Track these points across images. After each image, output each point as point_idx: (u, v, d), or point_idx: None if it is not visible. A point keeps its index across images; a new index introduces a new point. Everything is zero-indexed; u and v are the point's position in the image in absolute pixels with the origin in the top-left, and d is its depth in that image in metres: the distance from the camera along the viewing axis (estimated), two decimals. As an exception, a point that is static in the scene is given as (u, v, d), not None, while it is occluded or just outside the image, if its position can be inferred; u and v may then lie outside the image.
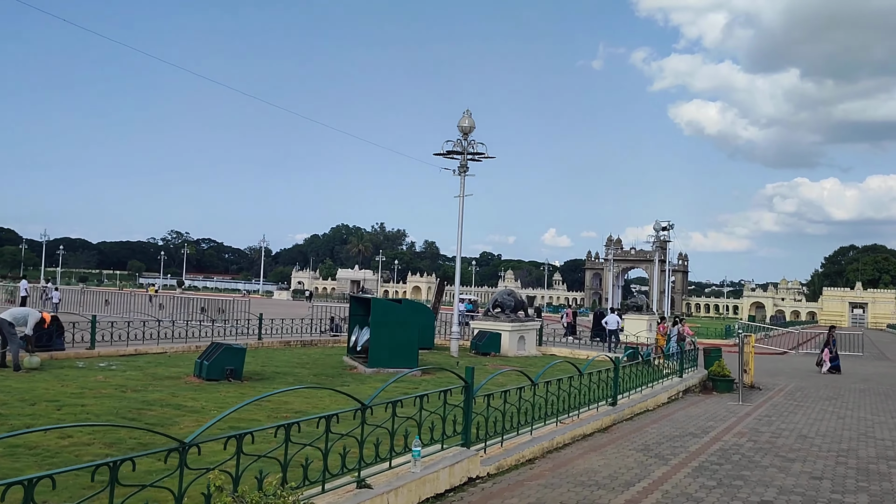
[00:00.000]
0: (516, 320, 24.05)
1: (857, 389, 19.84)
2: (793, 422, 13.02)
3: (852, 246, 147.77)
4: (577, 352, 25.28)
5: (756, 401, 16.03)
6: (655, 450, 9.71)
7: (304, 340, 24.34)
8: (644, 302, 40.55)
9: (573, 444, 9.82)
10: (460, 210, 22.13)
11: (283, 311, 38.65)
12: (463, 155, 21.78)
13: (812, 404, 15.99)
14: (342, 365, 18.11)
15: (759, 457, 9.54)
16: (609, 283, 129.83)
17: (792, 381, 21.40)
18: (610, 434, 10.82)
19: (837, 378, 23.01)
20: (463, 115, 21.86)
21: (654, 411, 13.56)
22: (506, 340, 23.30)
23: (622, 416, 12.23)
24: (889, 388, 20.40)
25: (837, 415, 14.35)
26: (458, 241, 22.51)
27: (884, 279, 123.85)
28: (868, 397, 17.99)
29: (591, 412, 11.40)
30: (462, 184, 21.97)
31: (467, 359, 21.53)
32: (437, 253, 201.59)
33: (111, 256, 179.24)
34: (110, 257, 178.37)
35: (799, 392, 18.42)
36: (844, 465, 9.28)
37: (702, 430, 11.57)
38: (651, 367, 16.60)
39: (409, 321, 16.60)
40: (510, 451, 8.46)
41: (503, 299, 24.39)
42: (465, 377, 7.82)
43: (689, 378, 17.51)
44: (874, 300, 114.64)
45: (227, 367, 13.70)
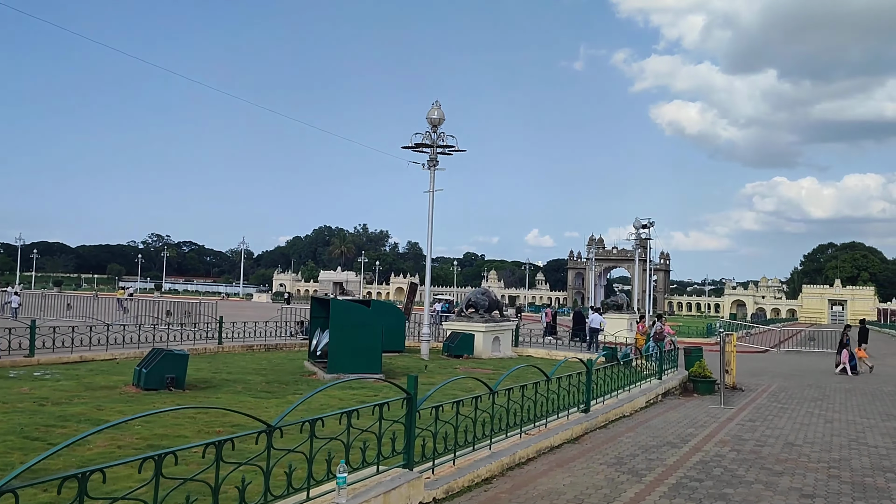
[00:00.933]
0: (490, 321, 23.06)
1: (842, 389, 19.06)
2: (778, 427, 12.13)
3: (831, 244, 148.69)
4: (553, 353, 24.36)
5: (738, 403, 15.15)
6: (629, 463, 8.74)
7: (268, 344, 23.20)
8: (624, 301, 39.75)
9: (538, 459, 8.82)
10: (430, 205, 21.12)
11: (257, 313, 37.44)
12: (432, 148, 20.77)
13: (797, 406, 15.14)
14: (302, 371, 17.03)
15: (744, 470, 8.61)
16: (591, 282, 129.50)
17: (775, 380, 20.59)
18: (581, 445, 9.85)
19: (821, 377, 22.25)
20: (432, 106, 20.86)
21: (630, 417, 12.62)
22: (479, 342, 22.30)
23: (595, 423, 11.27)
24: (875, 388, 19.64)
25: (825, 418, 13.49)
26: (429, 238, 21.51)
27: (862, 276, 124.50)
28: (855, 398, 17.19)
29: (560, 421, 10.43)
30: (432, 178, 20.97)
31: (438, 362, 20.53)
32: (420, 254, 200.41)
33: (90, 260, 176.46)
34: (89, 261, 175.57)
35: (783, 393, 17.59)
36: (837, 478, 8.36)
37: (681, 438, 10.63)
38: (630, 368, 15.71)
39: (372, 323, 15.55)
40: (463, 471, 7.45)
41: (477, 299, 23.39)
42: (407, 387, 6.79)
43: (668, 380, 16.62)
44: (853, 297, 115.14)
45: (168, 375, 12.58)
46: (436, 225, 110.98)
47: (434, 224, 21.26)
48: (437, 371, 17.97)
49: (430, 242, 21.58)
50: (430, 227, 21.25)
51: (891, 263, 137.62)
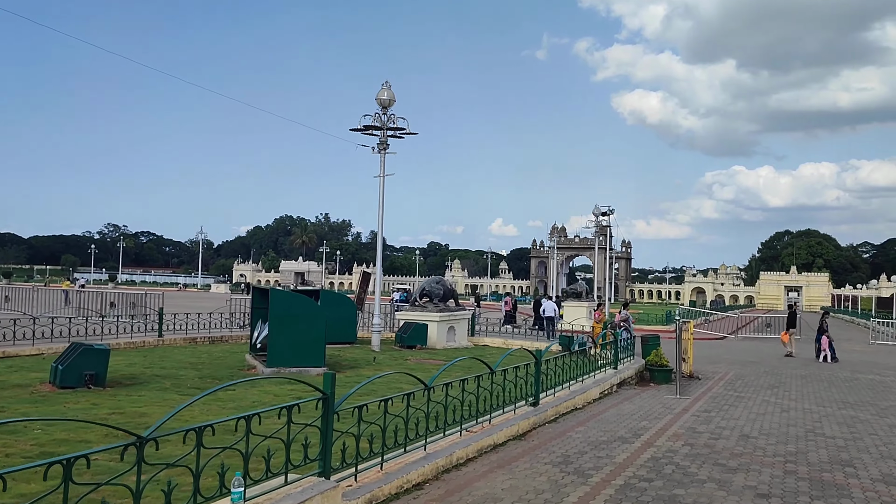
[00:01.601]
0: (445, 310, 22.39)
1: (798, 376, 18.85)
2: (733, 417, 11.69)
3: (787, 231, 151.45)
4: (510, 342, 23.81)
5: (695, 393, 14.73)
6: (576, 462, 8.13)
7: (213, 336, 22.21)
8: (583, 288, 39.42)
9: (479, 459, 8.17)
10: (381, 190, 20.31)
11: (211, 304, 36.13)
12: (382, 131, 19.93)
13: (753, 395, 14.78)
14: (242, 364, 16.15)
15: (696, 467, 8.07)
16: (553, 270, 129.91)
17: (732, 368, 20.33)
18: (527, 442, 9.22)
19: (778, 364, 22.09)
20: (382, 87, 20.00)
21: (582, 410, 12.06)
22: (433, 331, 21.62)
23: (544, 418, 10.67)
24: (831, 374, 19.49)
25: (781, 407, 13.12)
26: (380, 224, 20.68)
27: (817, 263, 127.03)
28: (811, 385, 16.95)
29: (506, 416, 9.79)
30: (382, 162, 20.13)
31: (390, 353, 19.80)
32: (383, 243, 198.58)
33: (43, 251, 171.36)
34: (42, 252, 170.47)
35: (739, 381, 17.27)
36: (794, 474, 7.87)
37: (633, 432, 10.09)
38: (585, 357, 15.19)
39: (315, 314, 14.73)
40: (391, 476, 6.75)
41: (431, 288, 22.69)
42: (323, 386, 6.05)
43: (624, 369, 16.14)
44: (808, 283, 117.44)
45: (87, 371, 11.62)
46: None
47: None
48: (385, 362, 17.26)
49: (381, 228, 20.76)
50: (381, 213, 20.44)
51: (844, 250, 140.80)
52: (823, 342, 23.68)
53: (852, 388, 16.64)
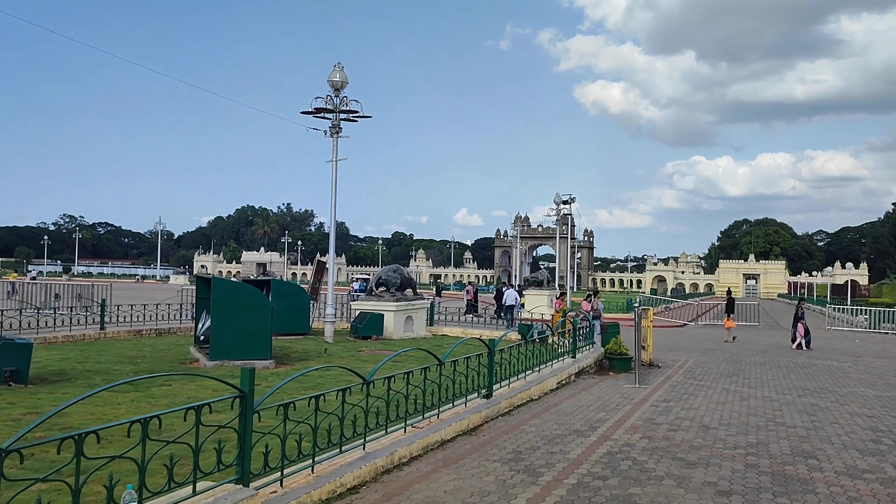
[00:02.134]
0: (402, 299, 21.76)
1: (757, 363, 18.71)
2: (693, 407, 11.33)
3: (745, 220, 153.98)
4: (469, 331, 23.33)
5: (654, 382, 14.39)
6: (527, 459, 7.62)
7: (161, 329, 21.28)
8: (545, 277, 39.16)
9: (424, 457, 7.61)
10: (333, 175, 19.55)
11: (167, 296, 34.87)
12: (334, 113, 19.16)
13: (713, 383, 14.50)
14: (186, 357, 15.35)
15: (654, 462, 7.62)
16: (517, 260, 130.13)
17: (692, 355, 20.13)
18: (477, 437, 8.69)
19: (737, 351, 21.99)
20: (334, 68, 19.21)
21: (538, 401, 11.58)
22: (390, 321, 21.00)
23: (497, 410, 10.16)
24: (789, 361, 19.40)
25: (741, 395, 12.82)
26: (332, 210, 19.92)
27: (774, 251, 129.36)
28: (770, 372, 16.77)
29: (456, 410, 9.24)
30: (335, 146, 19.37)
31: (344, 344, 19.13)
32: (346, 233, 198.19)
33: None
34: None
35: (699, 368, 17.03)
36: (756, 468, 7.47)
37: (589, 424, 9.63)
38: (546, 346, 14.75)
39: (260, 304, 13.99)
40: (323, 480, 6.14)
41: (387, 276, 22.02)
42: (241, 384, 5.41)
43: (583, 358, 15.74)
44: (766, 271, 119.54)
45: (7, 367, 10.77)
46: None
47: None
48: (337, 354, 16.60)
49: (334, 214, 19.98)
50: (334, 199, 19.68)
51: (800, 239, 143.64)
52: (800, 329, 23.59)
53: (811, 374, 16.50)
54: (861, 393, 13.52)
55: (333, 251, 19.97)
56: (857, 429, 9.79)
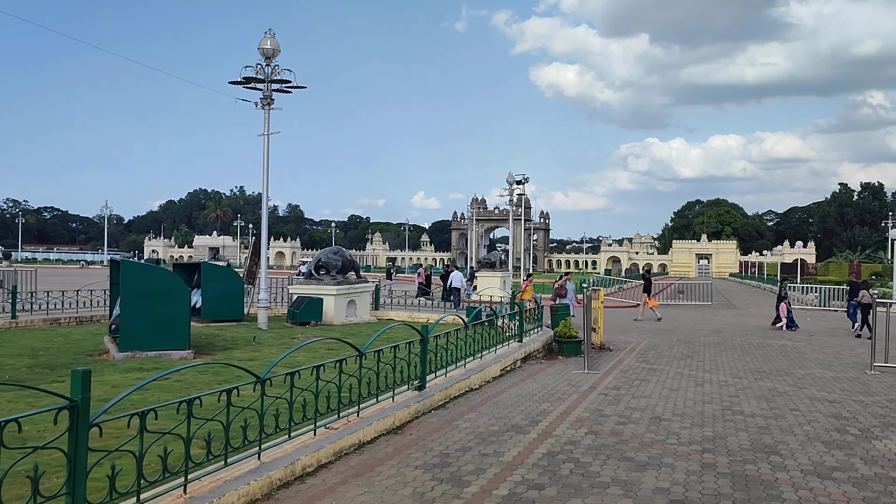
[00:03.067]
0: (344, 282, 20.56)
1: (711, 343, 18.10)
2: (644, 395, 10.48)
3: (698, 201, 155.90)
4: (416, 315, 22.28)
5: (604, 367, 13.55)
6: (455, 464, 6.61)
7: (82, 316, 19.73)
8: (497, 258, 38.25)
9: (335, 465, 6.53)
10: (265, 149, 18.16)
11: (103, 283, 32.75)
12: (266, 84, 17.76)
13: (666, 366, 13.74)
14: (96, 349, 13.96)
15: (599, 463, 6.68)
16: (473, 242, 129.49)
17: (644, 337, 19.44)
18: (402, 436, 7.65)
19: (691, 332, 21.41)
20: (265, 35, 17.79)
21: (479, 390, 10.60)
22: (330, 306, 19.80)
23: (430, 403, 9.13)
24: (743, 341, 18.84)
25: (695, 380, 12.05)
26: (265, 187, 18.56)
27: (726, 231, 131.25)
28: (724, 353, 16.13)
29: (381, 405, 8.18)
30: (266, 119, 17.97)
31: (279, 331, 17.88)
32: (301, 217, 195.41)
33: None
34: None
35: (652, 351, 16.30)
36: (713, 468, 6.58)
37: (531, 418, 8.67)
38: (494, 329, 13.82)
39: (175, 288, 12.67)
40: (198, 502, 5.01)
41: (328, 259, 20.77)
42: (72, 392, 4.24)
43: (530, 342, 14.84)
44: (717, 251, 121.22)
45: None
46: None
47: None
48: (268, 342, 15.37)
49: (266, 190, 18.62)
50: (266, 175, 18.31)
51: (750, 219, 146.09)
52: (782, 309, 22.94)
53: (766, 355, 15.91)
54: (818, 375, 12.89)
55: (266, 230, 18.67)
56: (820, 416, 9.04)
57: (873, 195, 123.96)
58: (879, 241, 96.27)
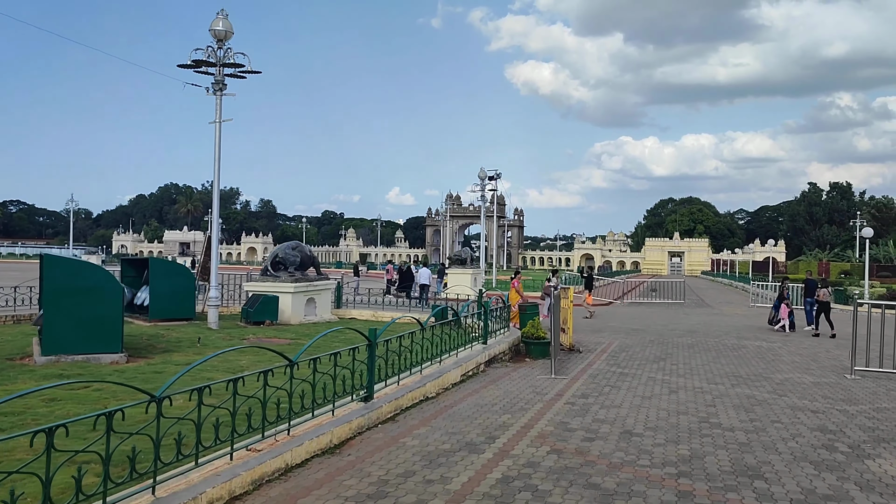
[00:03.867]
0: (302, 279, 19.50)
1: (685, 345, 17.39)
2: (615, 404, 9.65)
3: (671, 199, 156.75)
4: (380, 314, 21.32)
5: (573, 370, 12.72)
6: (394, 493, 5.69)
7: (19, 315, 18.44)
8: (468, 255, 37.44)
9: (253, 495, 5.56)
10: (216, 138, 17.01)
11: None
12: (217, 67, 16.64)
13: (638, 370, 12.95)
14: (22, 352, 12.78)
15: (560, 492, 5.80)
16: (447, 238, 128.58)
17: (616, 337, 18.69)
18: (340, 457, 6.70)
19: (664, 332, 20.72)
20: (217, 16, 16.66)
21: (435, 399, 9.68)
22: (287, 304, 18.73)
23: (378, 417, 8.19)
24: (717, 342, 18.17)
25: (669, 386, 11.26)
26: (216, 176, 17.41)
27: (698, 229, 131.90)
28: (699, 355, 15.41)
29: (317, 421, 7.22)
30: (218, 105, 16.83)
31: (230, 331, 16.78)
32: (273, 212, 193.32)
33: None
34: None
35: (623, 353, 15.53)
36: (690, 497, 5.73)
37: (488, 433, 7.77)
38: (455, 331, 12.91)
39: (107, 286, 11.55)
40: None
41: (285, 254, 19.68)
42: None
43: (495, 344, 13.95)
44: (690, 249, 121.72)
45: None
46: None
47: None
48: (214, 344, 14.27)
49: (217, 181, 17.47)
50: (217, 165, 17.15)
51: (722, 217, 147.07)
52: (783, 311, 22.08)
53: (741, 357, 15.22)
54: (798, 380, 12.18)
55: (217, 221, 17.55)
56: (804, 429, 8.27)
57: (841, 195, 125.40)
58: (848, 239, 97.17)
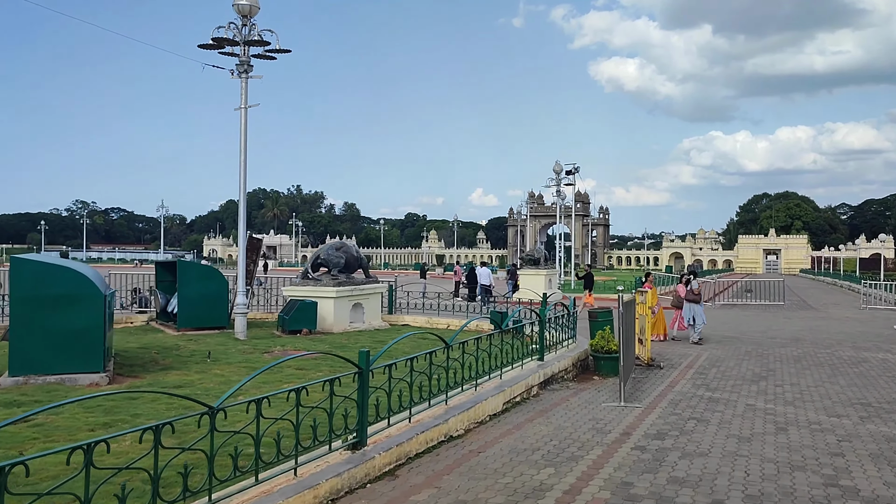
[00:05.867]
0: (347, 283, 17.62)
1: (790, 357, 14.48)
2: (700, 450, 7.16)
3: (765, 194, 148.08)
4: (436, 320, 19.23)
5: (649, 394, 10.22)
6: None
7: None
8: (541, 254, 34.78)
9: None
10: (242, 125, 15.33)
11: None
12: (242, 47, 14.95)
13: (732, 394, 10.33)
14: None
15: None
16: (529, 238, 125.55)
17: (706, 347, 15.91)
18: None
19: (763, 341, 17.69)
20: (242, -10, 14.98)
21: (460, 441, 7.45)
22: (329, 310, 16.88)
23: (367, 473, 6.03)
24: (830, 354, 15.11)
25: (775, 420, 8.62)
26: (241, 173, 15.67)
27: (796, 225, 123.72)
28: (809, 372, 12.55)
29: (279, 480, 5.15)
30: (244, 89, 15.17)
31: (256, 341, 14.97)
32: (357, 215, 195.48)
33: (8, 229, 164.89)
34: (7, 230, 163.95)
35: (714, 369, 12.84)
36: None
37: (517, 499, 5.49)
38: (521, 339, 10.77)
39: (86, 293, 9.87)
40: None
41: (328, 255, 17.85)
42: None
43: (555, 360, 11.57)
44: (787, 246, 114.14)
45: None
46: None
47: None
48: (227, 359, 12.44)
49: (243, 175, 15.65)
50: (244, 156, 15.45)
51: (822, 212, 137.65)
52: None
53: (865, 376, 12.27)
54: (951, 411, 9.27)
55: (244, 223, 15.88)
56: None
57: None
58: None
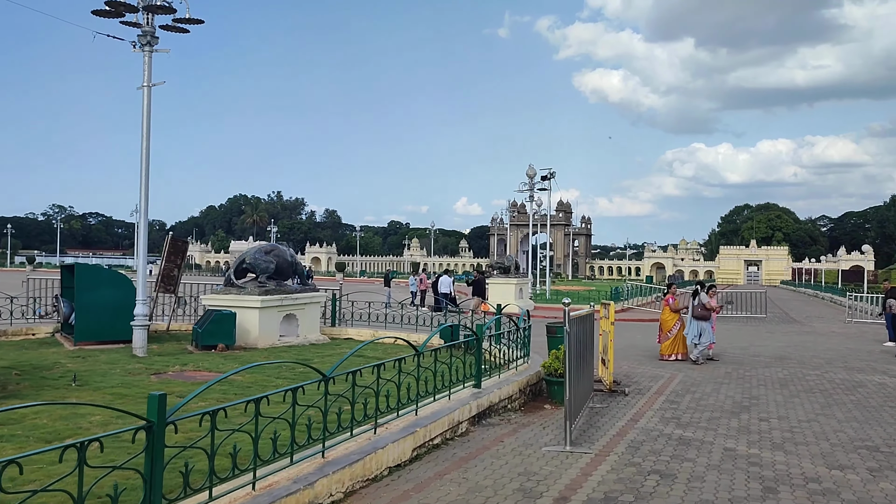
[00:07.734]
0: (276, 291, 15.42)
1: (777, 381, 12.55)
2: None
3: (746, 205, 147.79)
4: (381, 332, 17.09)
5: (604, 433, 8.19)
6: None
7: None
8: (511, 262, 32.81)
9: None
10: (144, 106, 13.16)
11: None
12: (146, 14, 12.80)
13: (708, 432, 8.33)
14: None
15: None
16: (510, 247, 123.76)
17: (679, 369, 13.94)
18: None
19: (744, 360, 15.77)
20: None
21: (333, 509, 5.38)
22: (253, 323, 14.70)
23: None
24: (821, 377, 13.20)
25: (760, 476, 6.62)
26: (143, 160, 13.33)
27: (776, 236, 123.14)
28: (798, 401, 10.60)
29: None
30: (147, 64, 13.01)
31: (159, 357, 12.79)
32: (338, 222, 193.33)
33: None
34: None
35: (688, 396, 10.87)
36: None
37: None
38: (459, 359, 8.77)
39: None
40: None
41: (255, 259, 15.66)
42: None
43: (496, 385, 9.53)
44: (768, 257, 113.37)
45: None
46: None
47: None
48: (103, 381, 10.24)
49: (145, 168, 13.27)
50: (146, 142, 13.22)
51: (803, 224, 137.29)
52: None
53: (863, 405, 10.35)
54: (980, 460, 7.33)
55: (145, 226, 13.63)
56: None
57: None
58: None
